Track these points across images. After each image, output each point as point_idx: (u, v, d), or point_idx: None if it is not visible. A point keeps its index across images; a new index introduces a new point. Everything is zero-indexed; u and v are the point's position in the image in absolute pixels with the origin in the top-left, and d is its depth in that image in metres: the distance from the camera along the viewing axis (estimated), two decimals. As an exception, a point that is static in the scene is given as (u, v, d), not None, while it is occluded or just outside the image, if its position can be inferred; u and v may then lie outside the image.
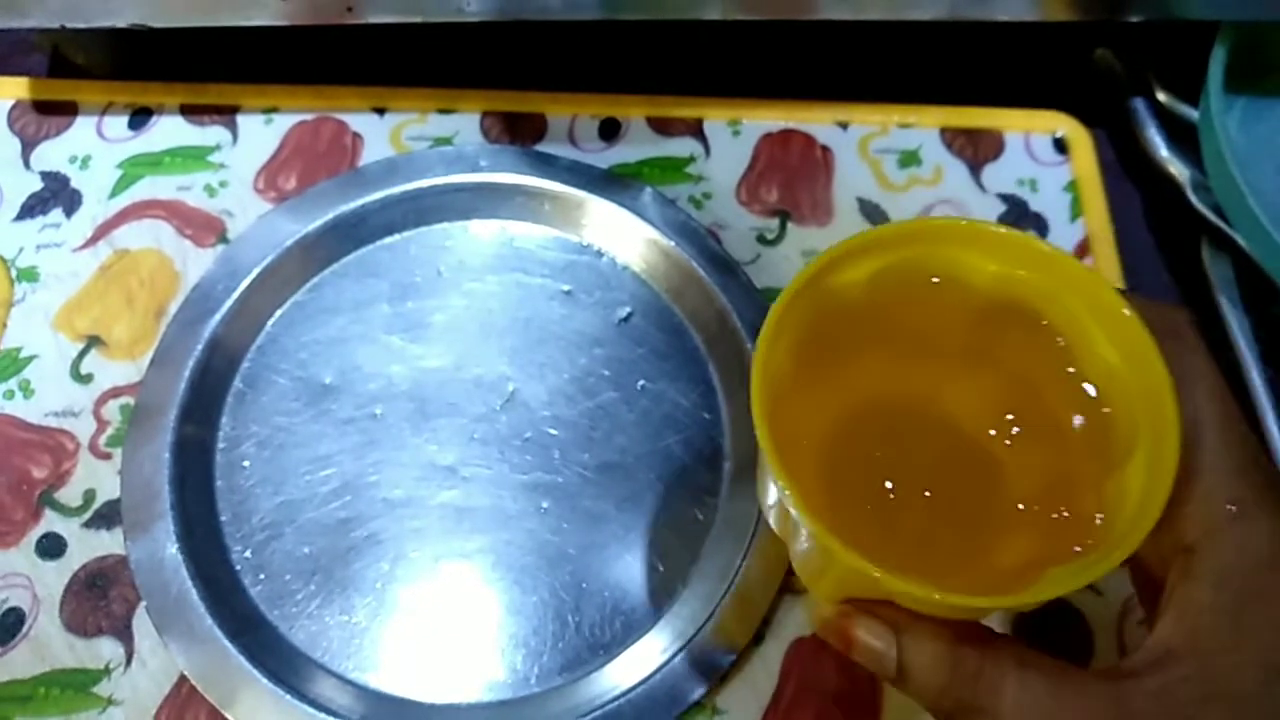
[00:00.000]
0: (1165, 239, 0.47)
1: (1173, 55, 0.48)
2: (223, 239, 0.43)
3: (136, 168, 0.45)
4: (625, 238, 0.43)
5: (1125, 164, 0.49)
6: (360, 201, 0.43)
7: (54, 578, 0.37)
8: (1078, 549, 0.26)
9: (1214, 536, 0.25)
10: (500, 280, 0.42)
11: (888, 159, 0.47)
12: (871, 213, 0.45)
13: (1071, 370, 0.28)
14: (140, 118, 0.46)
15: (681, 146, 0.46)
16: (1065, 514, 0.27)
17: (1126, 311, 0.27)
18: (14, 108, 0.46)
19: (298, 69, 0.47)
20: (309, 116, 0.46)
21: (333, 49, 0.48)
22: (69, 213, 0.44)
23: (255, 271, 0.41)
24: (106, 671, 0.36)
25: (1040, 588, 0.25)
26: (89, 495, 0.39)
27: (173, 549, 0.36)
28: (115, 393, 0.40)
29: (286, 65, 0.47)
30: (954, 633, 0.26)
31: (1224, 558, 0.25)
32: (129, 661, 0.36)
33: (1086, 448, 0.28)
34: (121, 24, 0.41)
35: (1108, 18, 0.46)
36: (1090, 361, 0.28)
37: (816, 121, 0.47)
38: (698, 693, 0.35)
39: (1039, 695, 0.25)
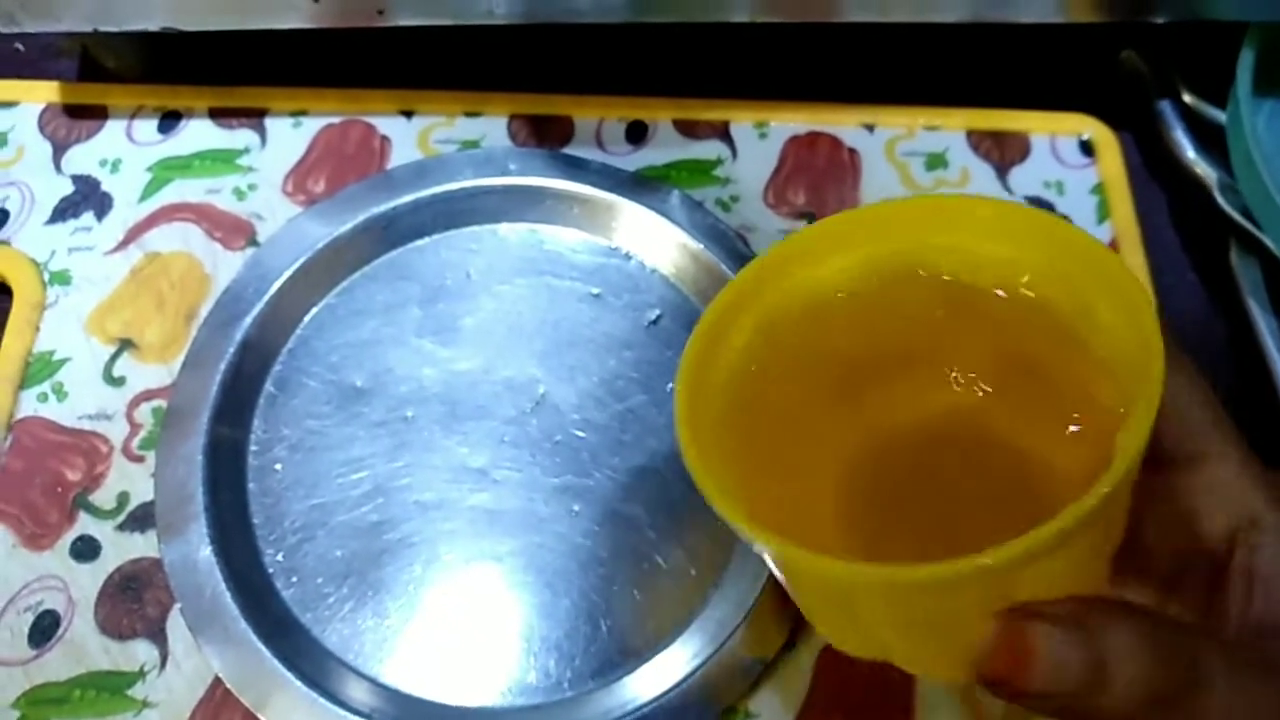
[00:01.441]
0: (1193, 241, 0.47)
1: (1200, 57, 0.48)
2: (252, 242, 0.43)
3: (166, 171, 0.45)
4: (654, 241, 0.43)
5: (1152, 166, 0.49)
6: (390, 204, 0.43)
7: (88, 580, 0.37)
8: None
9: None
10: (529, 283, 0.42)
11: (914, 161, 0.47)
12: (899, 215, 0.45)
13: (1077, 342, 0.27)
14: (169, 121, 0.46)
15: (708, 149, 0.46)
16: None
17: (1119, 268, 0.26)
18: (44, 111, 0.46)
19: (325, 72, 0.47)
20: (337, 119, 0.47)
21: (360, 52, 0.48)
22: (100, 216, 0.44)
23: (286, 274, 0.41)
24: (141, 674, 0.36)
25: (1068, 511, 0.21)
26: (122, 498, 0.39)
27: (206, 551, 0.36)
28: (147, 395, 0.41)
29: (314, 68, 0.47)
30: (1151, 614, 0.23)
31: None
32: (163, 664, 0.36)
33: (1114, 415, 0.26)
34: (153, 27, 0.41)
35: (1133, 19, 0.46)
36: (1094, 330, 0.26)
37: (843, 124, 0.47)
38: (730, 697, 0.35)
39: (1249, 680, 0.22)
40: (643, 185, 0.44)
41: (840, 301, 0.29)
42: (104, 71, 0.48)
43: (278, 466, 0.39)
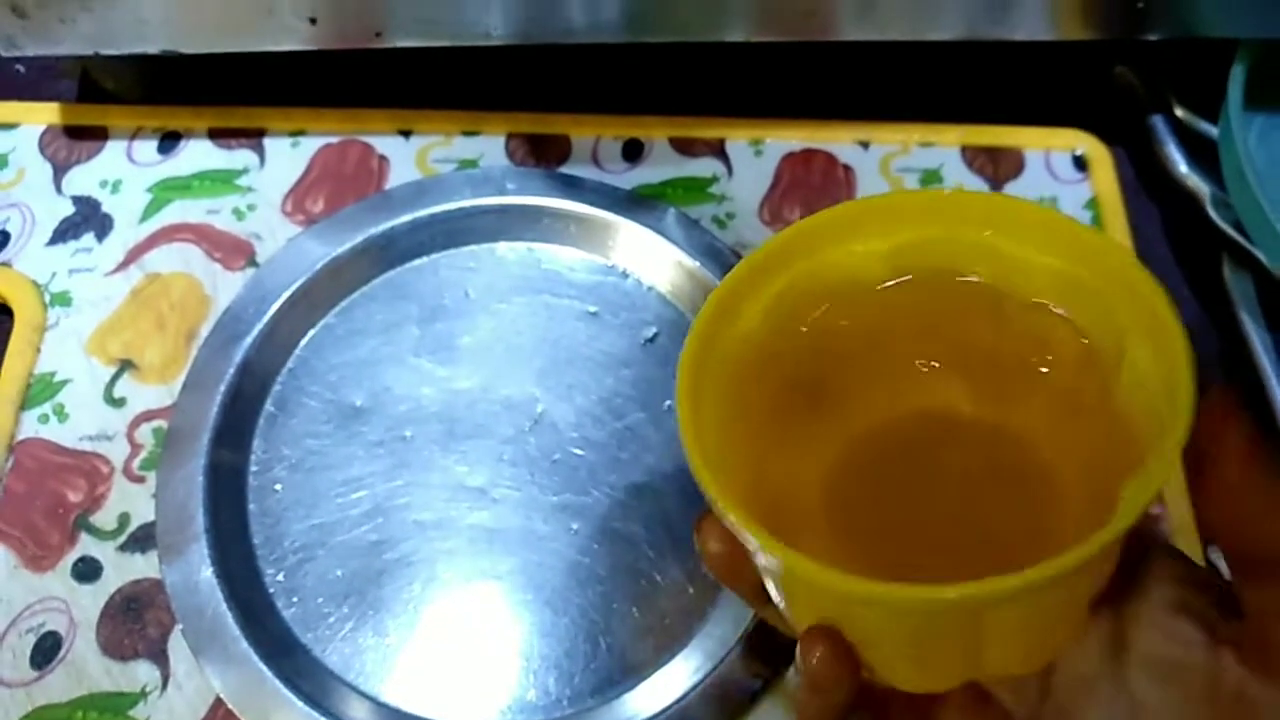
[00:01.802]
0: (1186, 256, 0.47)
1: (1192, 72, 0.48)
2: (252, 262, 0.44)
3: (166, 192, 0.45)
4: (651, 259, 0.43)
5: (1145, 181, 0.49)
6: (389, 224, 0.43)
7: (90, 601, 0.38)
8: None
9: None
10: (528, 302, 0.43)
11: (909, 178, 0.47)
12: (894, 232, 0.46)
13: (1019, 304, 0.26)
14: (169, 142, 0.47)
15: (704, 167, 0.47)
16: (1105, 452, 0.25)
17: (1043, 211, 0.25)
18: (45, 133, 0.47)
19: (323, 92, 0.48)
20: (335, 139, 0.47)
21: (358, 72, 0.48)
22: (100, 237, 0.44)
23: (285, 295, 0.41)
24: (143, 695, 0.36)
25: (1123, 510, 0.21)
26: (123, 519, 0.39)
27: (207, 572, 0.37)
28: (148, 416, 0.41)
29: (312, 88, 0.48)
30: None
31: None
32: (165, 685, 0.36)
33: (1080, 371, 0.26)
34: (153, 50, 0.42)
35: (1126, 37, 0.46)
36: (1034, 282, 0.26)
37: (838, 141, 0.48)
38: (729, 714, 0.35)
39: None
40: (639, 204, 0.44)
41: (874, 293, 0.28)
42: (103, 92, 0.48)
43: (277, 487, 0.39)
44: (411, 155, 0.46)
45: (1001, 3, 0.44)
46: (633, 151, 0.47)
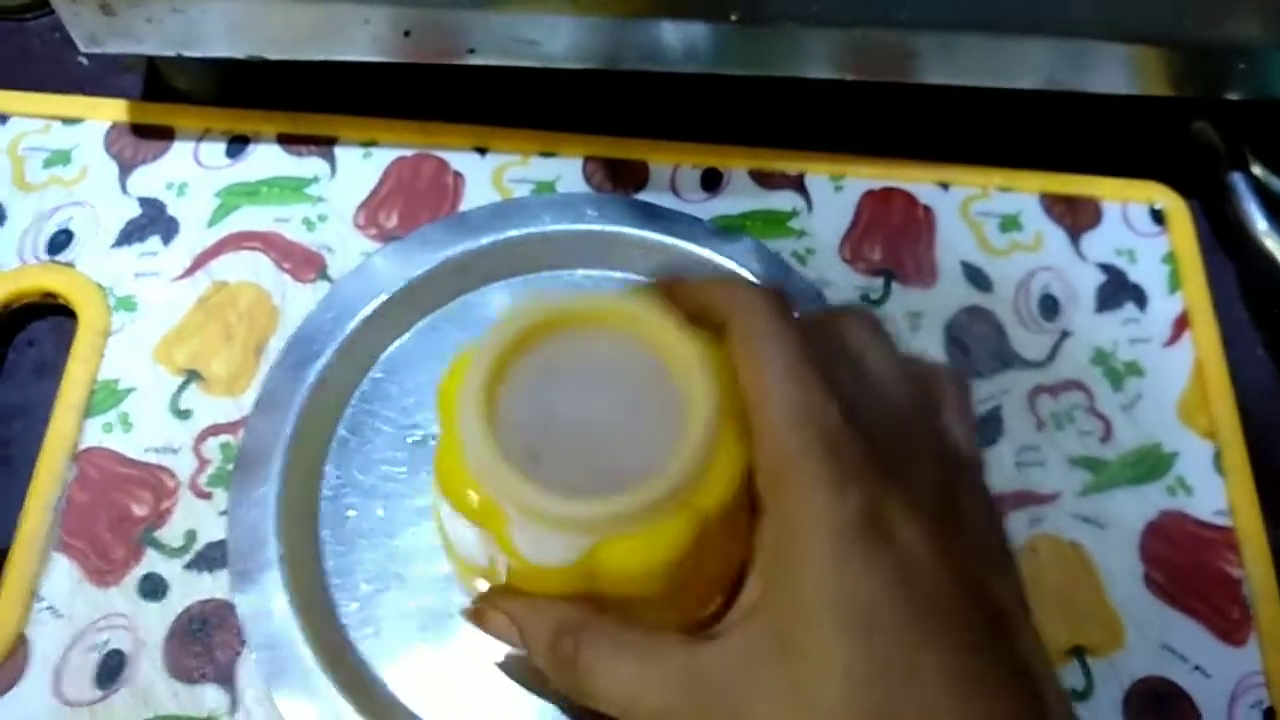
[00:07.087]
0: (1261, 314, 0.47)
1: (1270, 131, 0.48)
2: (323, 275, 0.43)
3: (234, 197, 0.44)
4: (733, 294, 0.43)
5: (1219, 237, 0.49)
6: (467, 246, 0.42)
7: (156, 620, 0.37)
8: None
9: (770, 495, 0.26)
10: (607, 331, 0.42)
11: (989, 222, 0.47)
12: (974, 276, 0.45)
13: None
14: (237, 145, 0.45)
15: (784, 200, 0.46)
16: None
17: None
18: (111, 130, 0.45)
19: (393, 101, 0.47)
20: (408, 152, 0.46)
21: (431, 83, 0.47)
22: (166, 240, 0.43)
23: (361, 315, 0.40)
24: (210, 721, 0.35)
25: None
26: (190, 536, 0.38)
27: (282, 600, 0.36)
28: (214, 430, 0.40)
29: (382, 97, 0.47)
30: (560, 617, 0.28)
31: (777, 516, 0.26)
32: (233, 711, 0.35)
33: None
34: (238, 55, 0.41)
35: (1207, 95, 0.46)
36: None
37: (918, 181, 0.47)
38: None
39: (626, 674, 0.26)
40: (721, 236, 0.43)
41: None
42: (169, 90, 0.47)
43: (350, 513, 0.38)
44: (488, 174, 0.45)
45: (1082, 55, 0.44)
46: (711, 181, 0.46)
